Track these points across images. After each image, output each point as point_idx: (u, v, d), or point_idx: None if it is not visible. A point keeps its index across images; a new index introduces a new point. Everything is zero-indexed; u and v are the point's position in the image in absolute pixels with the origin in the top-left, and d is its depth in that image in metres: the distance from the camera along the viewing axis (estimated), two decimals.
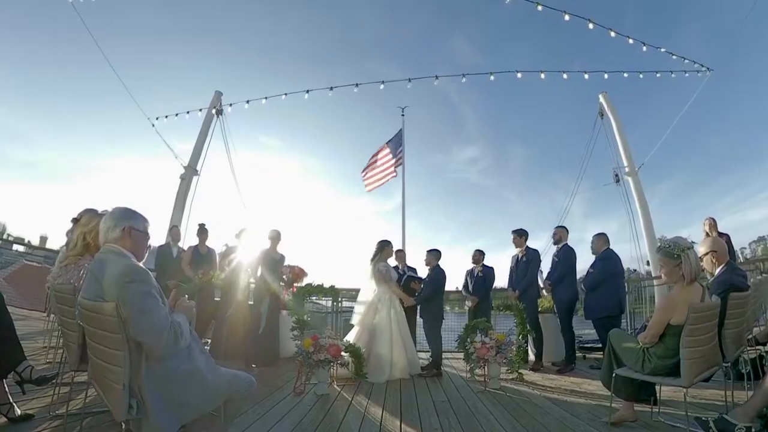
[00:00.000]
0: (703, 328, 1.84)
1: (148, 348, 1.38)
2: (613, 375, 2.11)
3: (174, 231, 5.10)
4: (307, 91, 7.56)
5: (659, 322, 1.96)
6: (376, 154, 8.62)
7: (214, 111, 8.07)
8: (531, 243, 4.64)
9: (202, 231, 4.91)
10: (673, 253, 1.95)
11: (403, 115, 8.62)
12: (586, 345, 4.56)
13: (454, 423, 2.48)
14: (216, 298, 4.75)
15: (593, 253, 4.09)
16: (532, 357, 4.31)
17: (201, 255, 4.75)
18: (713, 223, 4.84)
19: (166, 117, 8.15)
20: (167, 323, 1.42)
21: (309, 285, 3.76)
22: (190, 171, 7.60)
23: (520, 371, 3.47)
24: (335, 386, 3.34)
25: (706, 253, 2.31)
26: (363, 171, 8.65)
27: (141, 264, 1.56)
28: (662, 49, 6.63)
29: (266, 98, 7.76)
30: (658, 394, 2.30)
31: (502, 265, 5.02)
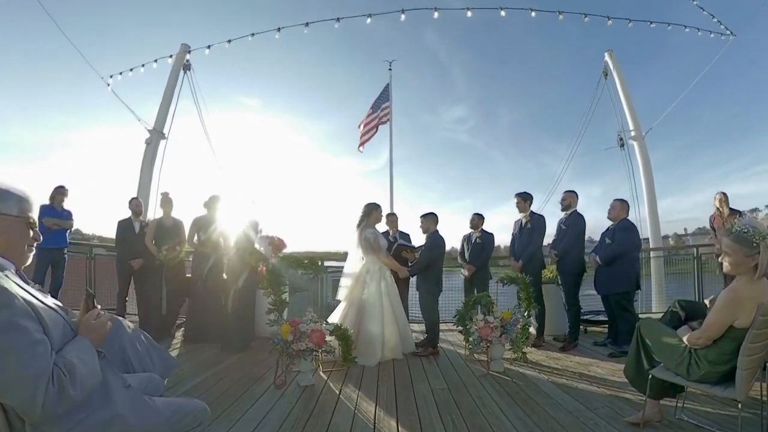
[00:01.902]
0: (766, 333, 1.53)
1: (17, 412, 0.96)
2: (650, 376, 1.82)
3: (134, 203, 4.49)
4: (279, 29, 6.59)
5: (720, 322, 1.66)
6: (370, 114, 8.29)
7: (180, 65, 7.10)
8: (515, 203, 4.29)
9: (166, 201, 4.42)
10: (752, 240, 1.58)
11: (390, 69, 8.36)
12: (585, 317, 4.37)
13: (457, 420, 2.25)
14: (187, 274, 4.36)
15: (610, 219, 3.77)
16: (532, 331, 4.12)
17: (166, 228, 4.28)
18: (724, 198, 4.65)
19: (121, 74, 7.11)
20: (42, 368, 0.93)
21: (289, 256, 3.33)
22: (156, 135, 6.86)
23: (524, 351, 3.24)
24: (321, 373, 3.08)
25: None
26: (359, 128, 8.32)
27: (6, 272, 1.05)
28: (706, 12, 5.94)
29: (230, 41, 6.78)
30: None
31: (488, 224, 4.72)
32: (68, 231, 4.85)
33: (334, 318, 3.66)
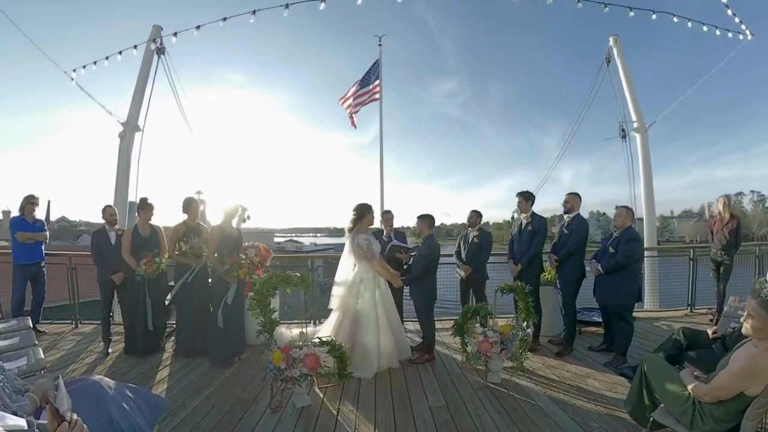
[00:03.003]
0: None
1: None
2: (651, 419, 1.85)
3: (107, 211, 4.17)
4: (253, 12, 6.16)
5: (733, 388, 1.65)
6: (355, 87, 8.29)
7: (154, 48, 6.66)
8: (509, 180, 4.47)
9: (144, 207, 4.14)
10: None
11: (380, 44, 8.22)
12: (580, 317, 4.44)
13: None
14: (170, 282, 4.23)
15: (615, 226, 3.73)
16: (528, 332, 4.19)
17: (142, 238, 4.02)
18: (727, 202, 4.82)
19: (84, 67, 6.61)
20: None
21: (278, 275, 3.25)
22: (130, 128, 6.49)
23: (521, 360, 3.30)
24: (316, 389, 3.10)
25: None
26: (342, 101, 8.31)
27: None
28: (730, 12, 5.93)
29: (198, 27, 6.35)
30: None
31: (477, 201, 4.72)
32: (42, 243, 4.72)
33: (327, 330, 3.66)
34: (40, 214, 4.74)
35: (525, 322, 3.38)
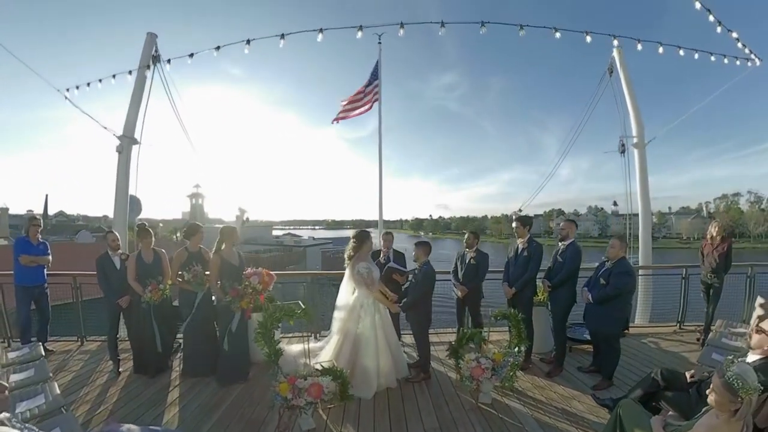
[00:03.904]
0: None
1: None
2: None
3: (110, 237, 4.39)
4: (248, 41, 6.35)
5: None
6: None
7: (149, 67, 6.83)
8: (505, 174, 4.63)
9: (143, 233, 4.34)
10: (738, 391, 1.78)
11: (380, 42, 7.97)
12: (571, 335, 4.77)
13: None
14: (174, 303, 4.45)
15: (607, 257, 3.96)
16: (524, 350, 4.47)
17: (146, 265, 4.25)
18: (719, 227, 5.17)
19: (78, 88, 6.85)
20: None
21: (281, 307, 3.52)
22: (127, 141, 6.67)
23: (512, 382, 3.60)
24: (320, 412, 3.39)
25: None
26: (343, 103, 8.25)
27: None
28: (734, 34, 6.31)
29: (191, 55, 6.54)
30: None
31: (476, 194, 4.97)
32: (45, 266, 4.92)
33: (328, 352, 3.94)
34: (37, 208, 4.95)
35: (517, 348, 3.67)
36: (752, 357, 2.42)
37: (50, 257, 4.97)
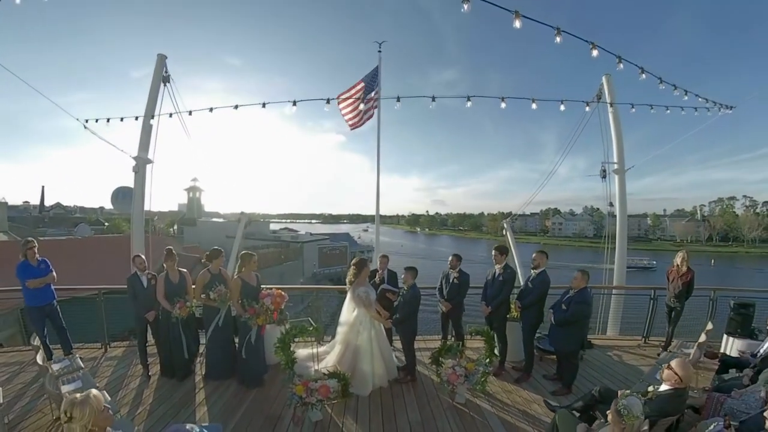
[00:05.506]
0: None
1: None
2: None
3: (137, 260, 5.21)
4: (236, 107, 7.10)
5: None
6: (353, 88, 8.53)
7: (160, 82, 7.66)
8: (504, 171, 5.42)
9: (169, 256, 5.19)
10: (623, 417, 2.51)
11: (380, 51, 8.42)
12: (541, 346, 5.78)
13: None
14: (197, 315, 5.34)
15: (571, 286, 4.83)
16: (495, 362, 5.41)
17: (173, 284, 5.11)
18: (685, 257, 5.95)
19: (97, 121, 7.72)
20: None
21: (295, 326, 4.44)
22: (142, 161, 7.49)
23: (483, 385, 4.54)
24: (327, 407, 4.30)
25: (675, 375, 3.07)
26: (339, 101, 8.40)
27: None
28: (701, 98, 7.32)
29: (191, 112, 7.40)
30: None
31: (474, 191, 5.80)
32: (51, 284, 5.25)
33: (333, 358, 4.91)
34: (34, 200, 5.52)
35: (488, 359, 4.63)
36: (664, 387, 3.20)
37: (54, 273, 5.26)
